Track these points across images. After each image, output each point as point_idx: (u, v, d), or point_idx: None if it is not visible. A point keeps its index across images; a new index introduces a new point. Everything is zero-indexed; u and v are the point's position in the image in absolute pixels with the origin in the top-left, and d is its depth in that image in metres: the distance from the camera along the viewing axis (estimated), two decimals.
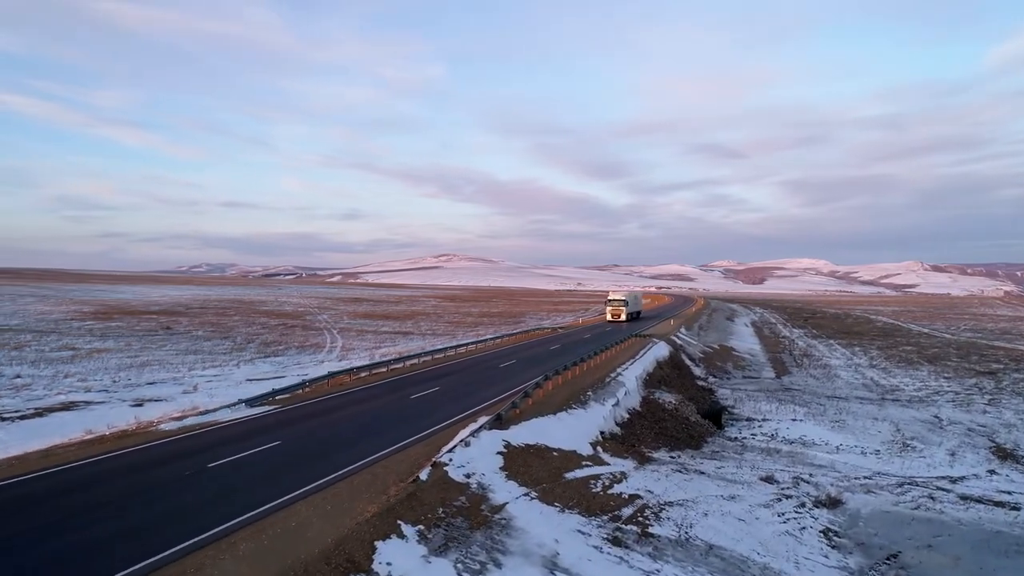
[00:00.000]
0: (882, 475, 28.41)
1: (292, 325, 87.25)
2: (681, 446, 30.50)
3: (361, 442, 21.88)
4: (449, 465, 19.08)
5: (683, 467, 25.73)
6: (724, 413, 41.46)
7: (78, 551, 13.05)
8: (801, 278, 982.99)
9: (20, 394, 38.29)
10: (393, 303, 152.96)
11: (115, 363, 50.58)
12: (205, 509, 15.20)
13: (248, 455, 19.97)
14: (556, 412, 27.66)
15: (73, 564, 12.54)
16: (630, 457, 25.44)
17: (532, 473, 20.44)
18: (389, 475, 18.20)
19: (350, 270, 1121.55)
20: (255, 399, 28.65)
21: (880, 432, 37.26)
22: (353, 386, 33.98)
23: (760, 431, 37.40)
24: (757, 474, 26.59)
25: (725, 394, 48.11)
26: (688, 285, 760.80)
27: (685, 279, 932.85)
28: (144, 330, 74.07)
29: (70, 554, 12.92)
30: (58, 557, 12.78)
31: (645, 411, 34.33)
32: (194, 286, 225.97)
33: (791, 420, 40.01)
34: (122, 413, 32.08)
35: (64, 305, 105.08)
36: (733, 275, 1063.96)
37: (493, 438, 22.21)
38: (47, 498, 15.93)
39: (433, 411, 27.29)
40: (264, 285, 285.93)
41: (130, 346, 60.62)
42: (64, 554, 12.92)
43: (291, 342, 68.39)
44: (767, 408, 43.24)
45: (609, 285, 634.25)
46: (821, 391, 50.66)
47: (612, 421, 29.73)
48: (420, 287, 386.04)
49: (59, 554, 12.91)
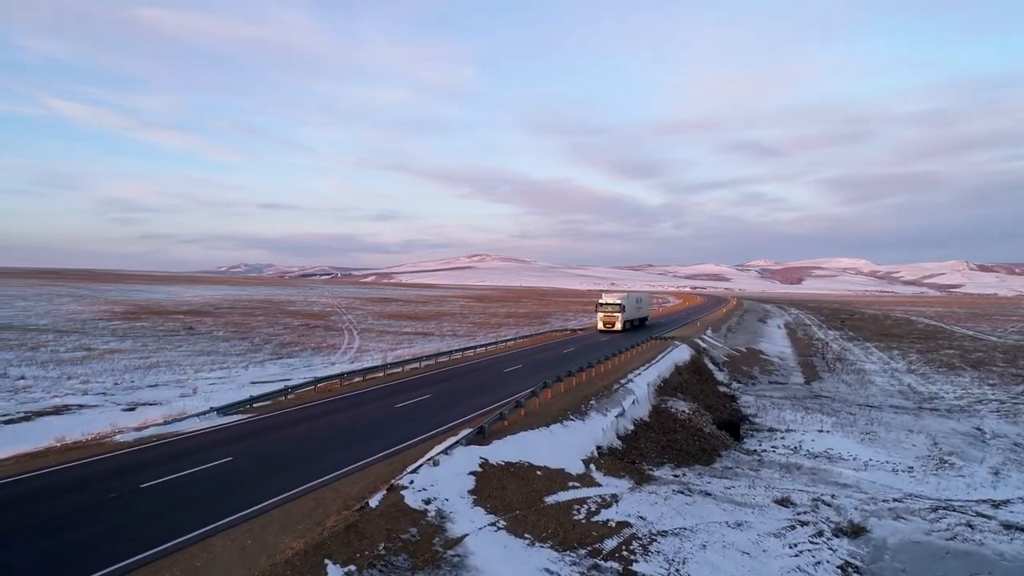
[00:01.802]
0: (914, 497, 25.44)
1: (314, 326, 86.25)
2: (690, 461, 27.87)
3: (321, 458, 19.85)
4: (408, 488, 16.90)
5: (687, 487, 23.16)
6: (744, 423, 38.59)
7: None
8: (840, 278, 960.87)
9: (17, 396, 37.36)
10: (421, 303, 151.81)
11: (124, 364, 49.69)
12: (102, 545, 13.24)
13: (190, 473, 18.07)
14: (549, 424, 25.30)
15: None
16: (627, 476, 22.95)
17: (506, 497, 18.15)
18: (336, 500, 16.09)
19: (384, 270, 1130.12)
20: (229, 407, 26.90)
21: (915, 446, 34.07)
22: (340, 392, 32.08)
23: (782, 443, 34.51)
24: (772, 495, 23.87)
25: (748, 401, 45.12)
26: (723, 285, 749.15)
27: (720, 279, 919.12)
28: (166, 330, 73.65)
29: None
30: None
31: (654, 422, 31.75)
32: (228, 286, 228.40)
33: (817, 431, 36.97)
34: (111, 417, 30.69)
35: (97, 305, 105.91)
36: (769, 275, 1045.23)
37: (468, 455, 19.96)
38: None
39: (414, 422, 25.17)
40: (297, 285, 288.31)
41: (146, 347, 59.90)
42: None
43: (308, 343, 67.18)
44: (792, 417, 40.21)
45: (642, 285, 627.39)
46: (853, 399, 47.30)
47: (613, 434, 27.25)
48: (451, 287, 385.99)
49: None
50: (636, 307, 78.06)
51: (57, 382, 41.99)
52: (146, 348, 59.00)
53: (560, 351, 51.67)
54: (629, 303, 74.11)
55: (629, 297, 75.74)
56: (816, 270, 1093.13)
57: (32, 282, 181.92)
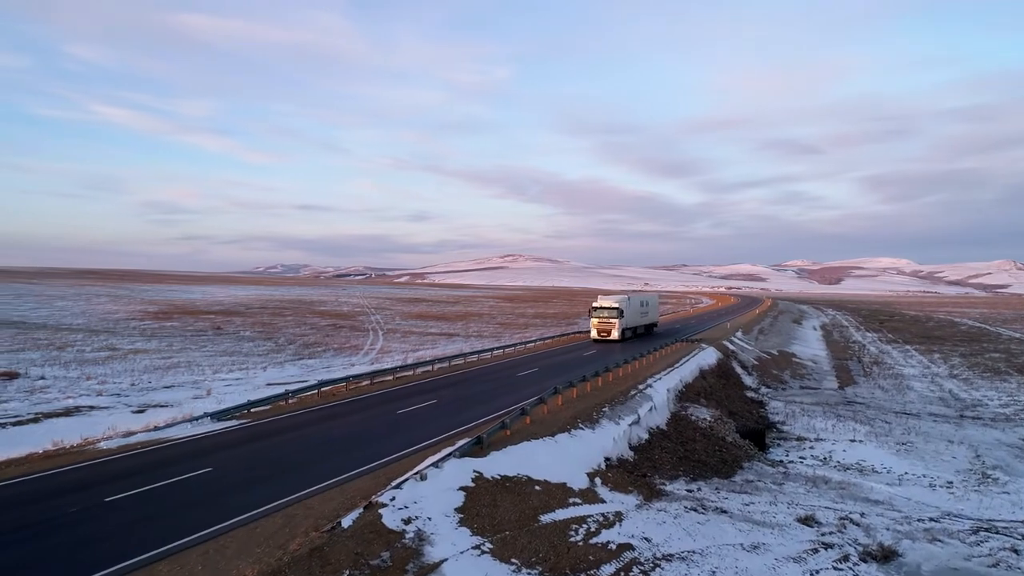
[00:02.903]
0: (953, 517, 23.37)
1: (340, 326, 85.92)
2: (708, 474, 26.12)
3: (305, 470, 18.71)
4: (388, 506, 15.63)
5: (700, 504, 21.48)
6: (771, 431, 36.60)
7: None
8: (881, 278, 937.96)
9: (32, 397, 37.20)
10: (450, 303, 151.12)
11: (145, 365, 49.55)
12: (27, 572, 12.15)
13: (162, 486, 17.04)
14: (555, 434, 23.82)
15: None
16: (635, 491, 21.36)
17: (497, 516, 16.76)
18: (308, 518, 14.89)
19: (418, 270, 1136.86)
20: (224, 412, 25.98)
21: (955, 458, 31.78)
22: (345, 397, 31.04)
23: (810, 454, 32.51)
24: (794, 513, 22.06)
25: (776, 408, 43.03)
26: (759, 285, 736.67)
27: (756, 279, 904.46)
28: (194, 330, 73.90)
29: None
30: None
31: (671, 430, 30.04)
32: (263, 286, 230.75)
33: (849, 441, 34.85)
34: (117, 420, 30.16)
35: (132, 305, 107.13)
36: (807, 275, 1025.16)
37: (461, 468, 18.62)
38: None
39: (413, 430, 23.92)
40: (330, 285, 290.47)
41: (171, 347, 59.92)
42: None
43: (331, 343, 66.68)
44: (822, 425, 38.07)
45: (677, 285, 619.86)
46: (889, 406, 44.85)
47: (625, 444, 25.66)
48: (483, 287, 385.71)
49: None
50: (640, 311, 66.01)
51: (75, 383, 41.82)
52: (170, 348, 58.98)
53: (580, 354, 50.08)
54: (630, 306, 62.24)
55: (631, 299, 63.27)
56: (856, 270, 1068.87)
57: (74, 282, 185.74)
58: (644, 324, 67.43)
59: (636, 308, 64.09)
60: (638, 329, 65.53)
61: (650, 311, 69.21)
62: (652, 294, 74.38)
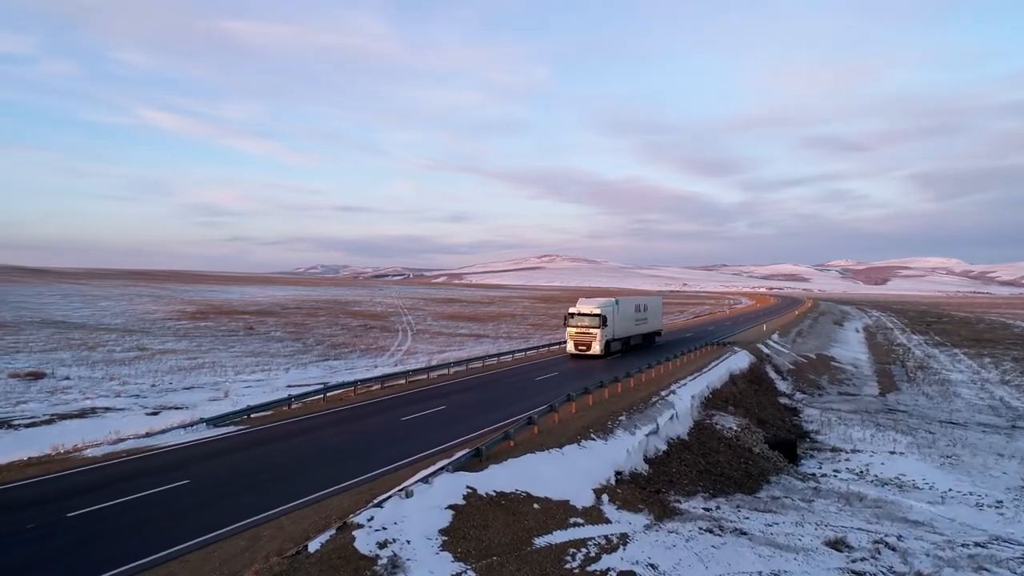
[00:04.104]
0: (1002, 542, 21.19)
1: (371, 326, 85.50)
2: (730, 489, 24.31)
3: (287, 484, 17.55)
4: (364, 527, 14.35)
5: (718, 524, 19.74)
6: (804, 441, 34.47)
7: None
8: (929, 278, 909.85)
9: (52, 398, 37.07)
10: (484, 304, 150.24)
11: (171, 365, 49.44)
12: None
13: (131, 500, 16.04)
14: (563, 445, 22.31)
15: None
16: (645, 509, 19.74)
17: (486, 538, 15.36)
18: (274, 540, 13.70)
19: (455, 271, 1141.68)
20: (220, 418, 25.12)
21: (1005, 474, 29.32)
22: (351, 402, 29.98)
23: (845, 467, 30.38)
24: (823, 535, 20.17)
25: (811, 416, 40.75)
26: (801, 286, 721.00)
27: (798, 279, 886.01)
28: (227, 331, 74.16)
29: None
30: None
31: (693, 441, 28.23)
32: (301, 287, 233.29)
33: (888, 452, 32.56)
34: (128, 423, 29.54)
35: (172, 305, 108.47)
36: (851, 275, 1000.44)
37: (452, 484, 17.26)
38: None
39: (413, 439, 22.66)
40: (367, 286, 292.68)
41: (200, 347, 59.95)
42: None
43: (359, 344, 66.11)
44: (860, 435, 35.77)
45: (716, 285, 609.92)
46: (933, 414, 42.15)
47: (640, 456, 24.00)
48: (519, 288, 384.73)
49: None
50: (634, 318, 53.28)
51: (97, 383, 41.69)
52: (199, 349, 58.97)
53: (605, 358, 48.35)
54: (618, 313, 49.40)
55: (620, 303, 50.06)
56: (902, 270, 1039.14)
57: (120, 282, 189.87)
58: (642, 333, 55.58)
59: (627, 314, 51.87)
60: (631, 340, 53.22)
61: (650, 317, 56.98)
62: (653, 297, 61.50)
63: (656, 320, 59.15)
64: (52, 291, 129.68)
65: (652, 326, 57.75)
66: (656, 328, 59.34)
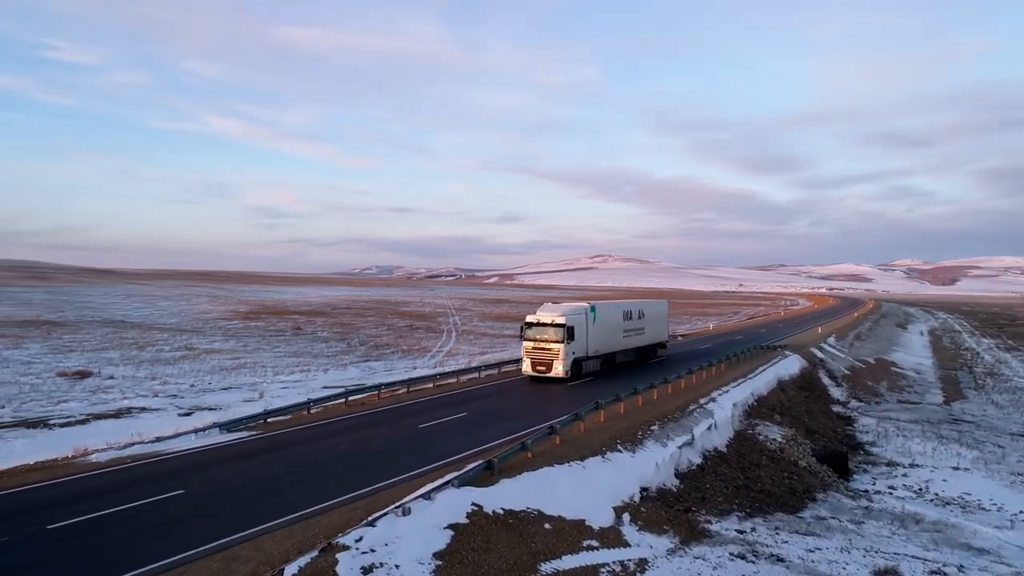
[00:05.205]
0: None
1: (417, 327, 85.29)
2: (770, 508, 22.38)
3: (280, 497, 16.52)
4: (350, 549, 13.22)
5: (752, 549, 17.95)
6: (857, 454, 32.05)
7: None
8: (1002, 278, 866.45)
9: (93, 397, 37.50)
10: (534, 304, 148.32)
11: (213, 365, 49.79)
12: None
13: (118, 511, 15.27)
14: (586, 457, 20.82)
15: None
16: (671, 531, 18.09)
17: (486, 564, 14.02)
18: (251, 562, 12.65)
19: (507, 271, 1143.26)
20: (235, 422, 24.47)
21: None
22: (373, 406, 29.09)
23: (902, 483, 27.98)
24: (872, 563, 18.17)
25: (866, 425, 38.10)
26: (864, 287, 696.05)
27: (861, 280, 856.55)
28: (275, 331, 74.94)
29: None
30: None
31: (732, 453, 26.32)
32: (353, 287, 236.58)
33: (951, 468, 29.94)
34: (157, 424, 29.40)
35: (227, 305, 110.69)
36: (917, 275, 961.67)
37: (456, 500, 16.00)
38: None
39: (425, 449, 21.46)
40: (418, 286, 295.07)
41: (245, 347, 60.49)
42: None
43: (401, 345, 65.77)
44: (920, 448, 33.12)
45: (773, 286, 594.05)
46: (1004, 426, 38.93)
47: (670, 470, 22.31)
48: (570, 288, 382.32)
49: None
50: (620, 328, 41.60)
51: (139, 383, 42.08)
52: (244, 349, 59.44)
53: (646, 361, 46.39)
54: (596, 321, 38.03)
55: (596, 309, 38.42)
56: (972, 270, 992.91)
57: (181, 283, 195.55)
58: (635, 347, 43.85)
59: (610, 323, 40.26)
60: (617, 356, 41.47)
61: (648, 326, 45.14)
62: (654, 301, 49.62)
63: (657, 330, 47.66)
64: (117, 291, 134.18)
65: (651, 337, 46.19)
66: (657, 340, 47.91)
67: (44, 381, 40.69)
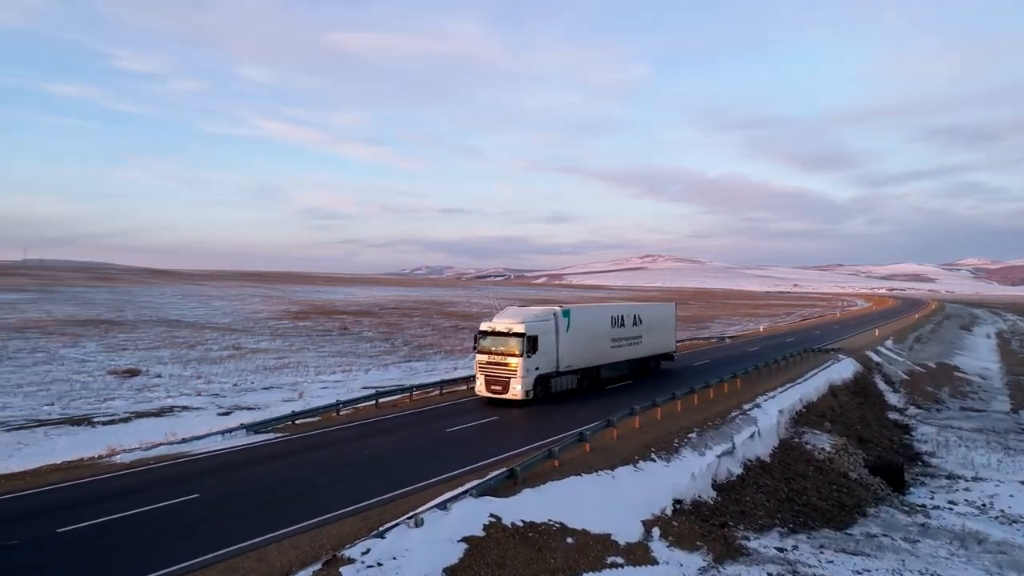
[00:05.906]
0: None
1: (462, 327, 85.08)
2: (816, 523, 20.96)
3: (294, 503, 16.04)
4: (356, 562, 12.60)
5: (792, 569, 16.69)
6: (914, 465, 30.11)
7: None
8: None
9: (139, 395, 38.18)
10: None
11: (257, 364, 50.36)
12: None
13: (128, 516, 14.98)
14: (616, 466, 19.83)
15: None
16: (704, 547, 16.97)
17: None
18: (252, 574, 12.17)
19: (556, 271, 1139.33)
20: (262, 424, 24.28)
21: None
22: (404, 408, 28.68)
23: (963, 498, 26.05)
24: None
25: (925, 434, 35.92)
26: (926, 287, 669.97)
27: (923, 280, 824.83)
28: (322, 330, 75.74)
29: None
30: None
31: (775, 463, 24.89)
32: (403, 287, 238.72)
33: (1019, 483, 27.80)
34: (201, 422, 29.65)
35: (278, 305, 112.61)
36: (985, 275, 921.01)
37: (472, 511, 15.26)
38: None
39: (449, 455, 20.78)
40: (466, 287, 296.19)
41: (291, 347, 61.13)
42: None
43: (444, 345, 65.57)
44: (984, 460, 30.94)
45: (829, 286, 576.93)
46: None
47: (707, 481, 21.12)
48: (618, 288, 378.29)
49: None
50: (607, 337, 34.65)
51: (184, 381, 42.72)
52: (290, 348, 60.02)
53: (689, 363, 44.86)
54: (570, 329, 31.22)
55: (570, 315, 31.65)
56: None
57: (237, 283, 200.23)
58: (629, 359, 36.66)
59: (590, 331, 33.20)
60: (600, 371, 34.41)
61: (647, 334, 38.20)
62: (656, 305, 44.57)
63: (661, 339, 40.48)
64: (175, 292, 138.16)
65: (651, 348, 39.07)
66: (660, 350, 40.57)
67: (95, 379, 41.59)
